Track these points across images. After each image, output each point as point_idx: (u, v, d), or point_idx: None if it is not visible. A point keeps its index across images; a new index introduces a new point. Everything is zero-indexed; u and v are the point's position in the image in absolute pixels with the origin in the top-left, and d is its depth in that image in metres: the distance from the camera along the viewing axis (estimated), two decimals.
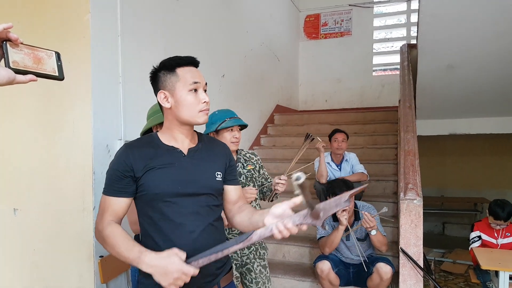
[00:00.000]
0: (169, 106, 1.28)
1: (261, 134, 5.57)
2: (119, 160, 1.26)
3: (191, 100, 1.27)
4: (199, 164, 1.32)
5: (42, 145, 2.47)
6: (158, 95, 1.30)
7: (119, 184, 1.25)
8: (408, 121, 3.39)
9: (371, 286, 2.68)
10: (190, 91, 1.27)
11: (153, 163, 1.25)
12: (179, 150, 1.31)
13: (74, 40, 2.36)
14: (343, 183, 2.79)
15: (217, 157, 1.39)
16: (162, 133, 1.35)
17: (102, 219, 1.24)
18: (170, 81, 1.27)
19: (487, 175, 6.99)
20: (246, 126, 2.24)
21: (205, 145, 1.39)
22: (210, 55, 3.95)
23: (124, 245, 1.18)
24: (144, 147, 1.29)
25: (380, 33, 7.34)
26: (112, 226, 1.23)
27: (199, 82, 1.29)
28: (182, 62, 1.29)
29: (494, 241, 3.17)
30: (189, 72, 1.28)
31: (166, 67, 1.29)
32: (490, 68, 4.14)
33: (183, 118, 1.28)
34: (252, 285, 2.17)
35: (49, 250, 2.49)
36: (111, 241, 1.20)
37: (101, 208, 1.27)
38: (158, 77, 1.30)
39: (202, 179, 1.31)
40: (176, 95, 1.27)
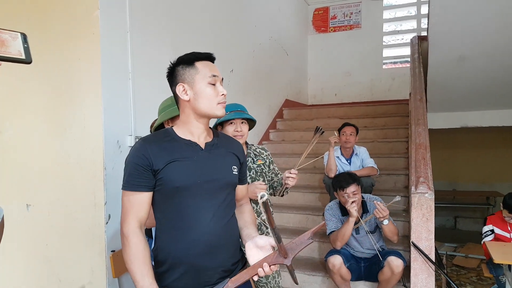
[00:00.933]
0: (187, 98, 1.29)
1: (270, 129, 5.56)
2: (137, 154, 1.26)
3: (210, 92, 1.29)
4: (216, 158, 1.35)
5: (53, 141, 2.49)
6: (176, 88, 1.31)
7: (139, 178, 1.25)
8: (419, 114, 3.35)
9: (383, 280, 2.66)
10: (209, 84, 1.29)
11: (172, 157, 1.26)
12: (197, 144, 1.32)
13: (84, 37, 2.37)
14: (348, 176, 2.79)
15: (232, 152, 1.42)
16: (178, 127, 1.36)
17: (127, 222, 1.25)
18: (189, 74, 1.30)
19: (500, 168, 6.89)
20: (254, 121, 2.22)
21: (220, 140, 1.41)
22: (219, 50, 3.93)
23: (140, 268, 1.21)
24: (161, 141, 1.29)
25: (390, 25, 7.24)
26: (137, 237, 1.24)
27: (217, 76, 1.32)
28: (201, 56, 1.33)
29: (508, 234, 3.13)
30: (208, 66, 1.32)
31: (185, 61, 1.32)
32: (501, 59, 4.07)
33: (202, 110, 1.30)
34: (262, 279, 2.17)
35: (61, 245, 2.52)
36: (131, 255, 1.23)
37: (124, 207, 1.27)
38: (176, 71, 1.32)
39: (220, 172, 1.34)
40: (195, 87, 1.29)
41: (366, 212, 2.83)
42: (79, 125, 2.43)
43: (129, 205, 1.26)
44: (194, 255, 1.26)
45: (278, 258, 1.21)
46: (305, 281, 3.14)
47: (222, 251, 1.31)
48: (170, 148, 1.28)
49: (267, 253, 1.24)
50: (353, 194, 2.70)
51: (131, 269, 1.22)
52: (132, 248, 1.22)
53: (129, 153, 1.30)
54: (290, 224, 3.89)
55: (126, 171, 1.29)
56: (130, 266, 1.22)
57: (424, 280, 2.49)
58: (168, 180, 1.25)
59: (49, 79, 2.49)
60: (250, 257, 1.26)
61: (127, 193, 1.27)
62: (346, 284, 2.77)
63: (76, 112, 2.44)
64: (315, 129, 2.31)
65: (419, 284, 2.49)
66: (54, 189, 2.50)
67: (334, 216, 2.87)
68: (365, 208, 2.83)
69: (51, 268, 2.56)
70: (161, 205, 1.30)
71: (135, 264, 1.22)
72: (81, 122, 2.42)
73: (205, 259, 1.27)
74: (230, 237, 1.35)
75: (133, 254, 1.22)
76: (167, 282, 1.29)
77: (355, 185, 2.73)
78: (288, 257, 1.21)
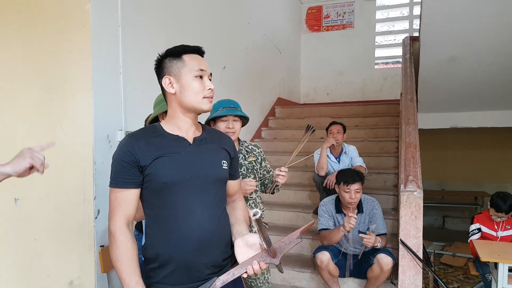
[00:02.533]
0: (173, 91, 1.29)
1: (262, 127, 5.57)
2: (123, 150, 1.25)
3: (197, 86, 1.28)
4: (205, 153, 1.33)
5: (43, 135, 2.47)
6: (163, 80, 1.30)
7: (126, 175, 1.24)
8: (410, 113, 3.38)
9: (371, 277, 2.69)
10: (196, 77, 1.28)
11: (160, 152, 1.25)
12: (184, 139, 1.31)
13: (75, 30, 2.35)
14: (355, 173, 2.80)
15: (222, 146, 1.41)
16: (165, 122, 1.34)
17: (114, 219, 1.24)
18: (176, 67, 1.28)
19: (488, 169, 6.98)
20: (247, 118, 2.22)
21: (210, 135, 1.40)
22: (211, 46, 3.93)
23: (127, 266, 1.20)
24: (149, 137, 1.28)
25: (383, 26, 7.29)
26: (124, 235, 1.22)
27: (205, 70, 1.30)
28: (189, 49, 1.31)
29: (494, 233, 3.18)
30: (196, 59, 1.30)
31: (173, 53, 1.30)
32: (492, 61, 4.12)
33: (188, 104, 1.28)
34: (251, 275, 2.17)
35: (50, 240, 2.50)
36: (118, 253, 1.21)
37: (111, 204, 1.26)
38: (164, 63, 1.31)
39: (209, 168, 1.32)
40: (181, 80, 1.27)
41: (360, 212, 2.84)
42: (69, 120, 2.41)
43: (116, 202, 1.24)
44: (184, 251, 1.25)
45: (266, 257, 1.21)
46: (294, 277, 3.15)
47: (212, 247, 1.30)
48: (157, 144, 1.27)
49: (256, 251, 1.24)
50: (355, 192, 2.72)
51: (117, 267, 1.21)
52: (119, 246, 1.21)
53: (116, 150, 1.29)
54: (281, 221, 3.90)
55: (113, 167, 1.27)
56: (117, 264, 1.21)
57: (412, 277, 2.51)
58: (155, 176, 1.24)
59: (40, 72, 2.46)
60: (238, 255, 1.26)
61: (114, 190, 1.25)
62: (334, 281, 2.79)
63: (66, 106, 2.42)
64: (306, 127, 2.32)
65: (407, 281, 2.52)
66: (43, 183, 2.48)
67: (327, 213, 2.89)
68: (360, 208, 2.85)
69: (40, 263, 2.54)
70: (150, 202, 1.29)
71: (121, 262, 1.20)
72: (71, 116, 2.40)
73: (196, 255, 1.26)
74: (221, 233, 1.34)
75: (120, 252, 1.21)
76: (158, 278, 1.28)
77: (360, 183, 2.75)
78: (277, 256, 1.22)
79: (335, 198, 2.94)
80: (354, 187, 2.72)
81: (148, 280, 1.28)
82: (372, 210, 2.83)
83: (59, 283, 2.47)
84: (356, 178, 2.74)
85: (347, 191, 2.74)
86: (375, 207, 2.84)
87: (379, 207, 2.85)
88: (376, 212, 2.83)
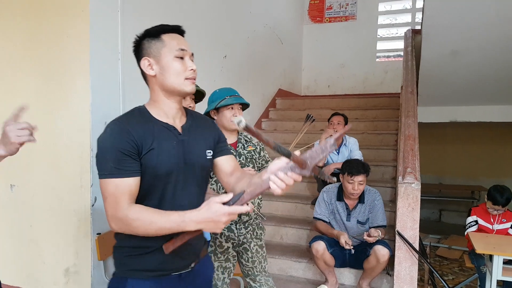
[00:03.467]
0: (153, 73, 1.22)
1: (262, 118, 5.56)
2: (120, 138, 1.15)
3: (178, 67, 1.21)
4: (193, 142, 1.29)
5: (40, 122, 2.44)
6: (141, 63, 1.24)
7: (127, 163, 1.14)
8: (410, 106, 3.37)
9: (368, 268, 2.70)
10: (176, 58, 1.21)
11: (153, 142, 1.19)
12: (175, 128, 1.26)
13: (73, 14, 2.33)
14: (361, 165, 2.81)
15: (207, 134, 1.36)
16: (150, 106, 1.27)
17: (119, 206, 1.13)
18: (155, 47, 1.22)
19: (486, 164, 7.00)
20: (248, 105, 2.22)
21: (194, 121, 1.34)
22: (212, 35, 3.90)
23: (160, 217, 1.11)
24: (141, 123, 1.20)
25: (385, 19, 7.23)
26: (134, 207, 1.14)
27: (186, 49, 1.24)
28: (168, 28, 1.25)
29: (490, 226, 3.19)
30: (176, 39, 1.24)
31: (151, 34, 1.24)
32: (494, 55, 4.10)
33: (169, 86, 1.22)
34: (248, 263, 2.19)
35: (46, 226, 2.50)
36: (144, 220, 1.11)
37: (112, 195, 1.14)
38: (142, 44, 1.25)
39: (196, 158, 1.29)
40: (161, 62, 1.21)
41: (362, 202, 2.85)
42: (67, 106, 2.39)
43: (120, 190, 1.13)
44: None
45: (295, 168, 1.02)
46: (291, 267, 3.17)
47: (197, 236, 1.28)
48: (150, 132, 1.20)
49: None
50: (359, 184, 2.73)
51: (158, 228, 1.10)
52: (139, 218, 1.11)
53: (105, 137, 1.17)
54: (279, 212, 3.92)
55: (108, 156, 1.15)
56: (153, 226, 1.10)
57: (408, 268, 2.53)
58: (148, 166, 1.18)
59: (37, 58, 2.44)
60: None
61: (114, 180, 1.13)
62: (330, 270, 2.81)
63: (63, 93, 2.40)
64: (306, 117, 2.32)
65: (403, 272, 2.54)
66: (40, 170, 2.48)
67: (325, 201, 2.90)
68: (361, 199, 2.86)
69: (36, 249, 2.54)
70: (141, 192, 1.21)
71: (155, 219, 1.10)
72: (69, 103, 2.39)
73: (183, 245, 1.23)
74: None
75: (144, 217, 1.11)
76: (152, 266, 1.23)
77: (364, 176, 2.76)
78: (308, 167, 1.02)
79: (338, 185, 2.95)
80: (358, 179, 2.73)
81: (140, 267, 1.23)
82: (373, 201, 2.85)
83: (55, 270, 2.48)
84: (361, 170, 2.75)
85: (350, 182, 2.75)
86: (377, 198, 2.85)
87: (380, 199, 2.87)
88: (377, 204, 2.84)
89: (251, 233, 2.18)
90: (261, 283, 2.22)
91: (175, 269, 1.27)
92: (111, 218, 1.14)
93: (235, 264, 2.21)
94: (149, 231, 1.12)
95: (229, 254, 2.14)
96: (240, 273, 2.35)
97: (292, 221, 3.64)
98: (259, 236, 2.23)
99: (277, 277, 3.10)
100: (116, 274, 1.27)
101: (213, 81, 3.86)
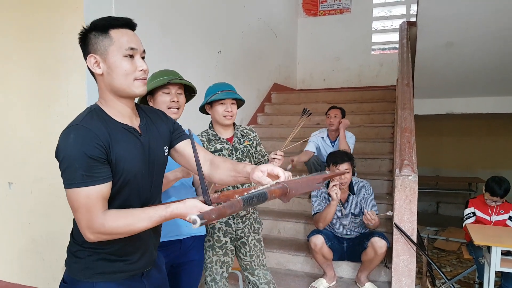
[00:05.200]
0: (100, 72, 1.13)
1: (258, 113, 5.55)
2: (87, 143, 1.06)
3: (126, 67, 1.12)
4: (153, 142, 1.25)
5: (36, 118, 2.44)
6: (87, 60, 1.14)
7: (98, 170, 1.07)
8: (406, 98, 3.37)
9: (366, 260, 2.71)
10: (125, 57, 1.12)
11: (118, 145, 1.12)
12: (135, 129, 1.20)
13: (67, 11, 2.31)
14: (344, 154, 2.81)
15: (162, 129, 1.31)
16: (105, 106, 1.18)
17: (94, 216, 1.05)
18: (102, 44, 1.11)
19: (483, 155, 7.03)
20: (243, 101, 2.20)
21: (148, 118, 1.28)
22: (207, 29, 3.87)
23: (143, 214, 1.05)
24: (104, 126, 1.11)
25: (380, 12, 7.22)
26: (109, 213, 1.07)
27: (136, 48, 1.14)
28: (117, 23, 1.14)
29: (488, 217, 3.21)
30: (125, 36, 1.13)
31: (98, 27, 1.12)
32: (489, 46, 4.11)
33: (117, 87, 1.14)
34: (246, 258, 2.19)
35: (44, 223, 2.50)
36: (124, 224, 1.05)
37: (83, 206, 1.05)
38: (89, 38, 1.13)
39: (159, 157, 1.27)
40: (108, 60, 1.11)
41: (352, 194, 2.85)
42: (63, 102, 2.38)
43: (92, 200, 1.05)
44: (138, 246, 1.23)
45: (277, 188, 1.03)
46: (289, 260, 3.18)
47: (158, 232, 1.34)
48: (113, 135, 1.12)
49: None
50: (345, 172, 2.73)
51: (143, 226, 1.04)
52: (119, 224, 1.05)
53: (70, 143, 1.07)
54: (276, 206, 3.92)
55: (76, 165, 1.05)
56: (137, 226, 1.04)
57: (406, 260, 2.54)
58: (115, 172, 1.11)
59: (32, 54, 2.42)
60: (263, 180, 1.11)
61: (84, 189, 1.04)
62: (328, 264, 2.82)
63: (59, 88, 2.38)
64: (303, 111, 2.31)
65: (401, 264, 2.55)
66: (38, 166, 2.47)
67: (320, 197, 2.90)
68: (351, 190, 2.86)
69: (35, 247, 2.54)
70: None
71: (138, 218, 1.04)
72: (65, 98, 2.37)
73: (151, 242, 1.28)
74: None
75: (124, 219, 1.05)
76: (110, 268, 1.19)
77: (349, 163, 2.76)
78: (288, 196, 1.04)
79: (327, 182, 2.95)
80: (343, 167, 2.73)
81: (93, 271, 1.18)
82: (363, 192, 2.85)
83: (54, 267, 2.48)
84: (344, 158, 2.76)
85: (336, 172, 2.74)
86: (366, 189, 2.86)
87: (370, 189, 2.87)
88: (367, 194, 2.85)
89: (249, 227, 2.18)
90: (259, 276, 2.22)
91: (142, 268, 1.26)
92: (86, 229, 1.06)
93: (233, 258, 2.21)
94: (131, 233, 1.07)
95: (227, 249, 2.14)
96: (239, 267, 2.35)
97: (290, 215, 3.65)
98: (257, 230, 2.24)
99: (275, 270, 3.10)
100: (75, 280, 1.19)
101: (208, 76, 3.84)
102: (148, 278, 1.29)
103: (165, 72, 1.82)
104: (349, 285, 2.89)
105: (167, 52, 3.11)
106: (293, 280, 2.98)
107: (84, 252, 1.18)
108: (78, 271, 1.19)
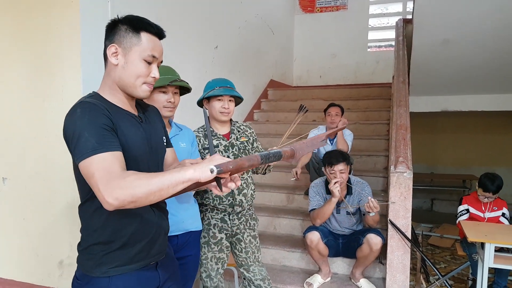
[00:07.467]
0: (116, 63, 1.17)
1: (254, 109, 5.55)
2: (96, 114, 1.08)
3: (142, 70, 1.17)
4: (153, 129, 1.30)
5: (31, 113, 2.43)
6: (108, 48, 1.17)
7: (110, 138, 1.06)
8: (401, 96, 3.38)
9: (361, 257, 2.72)
10: (144, 61, 1.17)
11: (122, 124, 1.14)
12: (135, 115, 1.24)
13: (63, 5, 2.28)
14: (339, 154, 2.80)
15: (158, 121, 1.38)
16: (106, 93, 1.21)
17: (112, 173, 0.98)
18: (130, 41, 1.16)
19: (477, 153, 7.07)
20: (241, 99, 2.19)
21: (146, 111, 1.33)
22: (203, 25, 3.86)
23: (165, 177, 0.95)
24: (107, 107, 1.14)
25: (376, 9, 7.23)
26: (129, 172, 1.01)
27: (157, 57, 1.20)
28: (150, 29, 1.18)
29: (481, 214, 3.23)
30: (153, 43, 1.18)
31: (133, 25, 1.17)
32: (485, 44, 4.12)
33: (125, 84, 1.18)
34: (242, 254, 2.20)
35: (39, 219, 2.49)
36: (143, 179, 0.95)
37: (100, 168, 0.99)
38: (119, 29, 1.17)
39: (159, 144, 1.32)
40: (128, 57, 1.16)
41: (350, 194, 2.85)
42: (58, 97, 2.36)
43: (108, 162, 1.01)
44: (148, 231, 1.23)
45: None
46: (285, 257, 3.19)
47: (165, 217, 1.34)
48: (118, 115, 1.16)
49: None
50: (340, 173, 2.72)
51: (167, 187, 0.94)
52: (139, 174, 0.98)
53: (78, 117, 1.06)
54: (272, 203, 3.93)
55: (87, 134, 1.03)
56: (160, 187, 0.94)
57: (400, 256, 2.56)
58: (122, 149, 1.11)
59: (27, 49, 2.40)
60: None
61: (99, 155, 1.01)
62: (323, 260, 2.83)
63: (54, 83, 2.37)
64: (299, 107, 2.31)
65: (395, 260, 2.57)
66: (32, 162, 2.45)
67: (318, 194, 2.90)
68: (349, 190, 2.86)
69: (29, 242, 2.53)
70: None
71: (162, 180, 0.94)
72: (60, 93, 2.36)
73: (159, 228, 1.27)
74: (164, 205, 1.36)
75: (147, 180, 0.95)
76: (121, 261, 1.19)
77: (344, 164, 2.74)
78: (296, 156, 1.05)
79: (324, 179, 2.95)
80: (339, 168, 2.72)
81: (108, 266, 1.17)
82: (361, 192, 2.84)
83: (49, 263, 2.47)
84: (339, 159, 2.73)
85: (331, 173, 2.74)
86: (365, 188, 2.85)
87: (368, 188, 2.87)
88: (365, 194, 2.84)
89: (244, 223, 2.19)
90: (255, 273, 2.23)
91: (156, 256, 1.27)
92: (105, 192, 0.95)
93: (228, 255, 2.22)
94: (153, 194, 0.95)
95: (223, 245, 2.15)
96: (234, 264, 2.36)
97: (285, 211, 3.66)
98: (252, 226, 2.24)
99: (271, 267, 3.12)
100: (89, 277, 1.19)
101: (205, 72, 3.83)
102: (162, 267, 1.31)
103: (164, 70, 1.81)
104: (344, 281, 2.90)
105: (163, 47, 3.10)
106: (288, 276, 3.00)
107: (97, 247, 1.18)
108: (92, 267, 1.18)
